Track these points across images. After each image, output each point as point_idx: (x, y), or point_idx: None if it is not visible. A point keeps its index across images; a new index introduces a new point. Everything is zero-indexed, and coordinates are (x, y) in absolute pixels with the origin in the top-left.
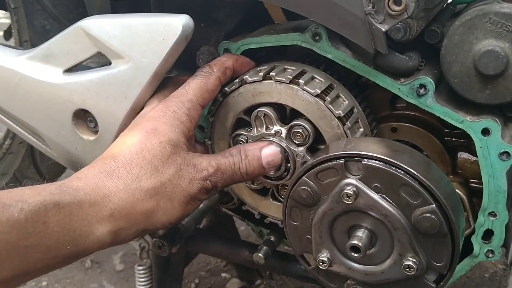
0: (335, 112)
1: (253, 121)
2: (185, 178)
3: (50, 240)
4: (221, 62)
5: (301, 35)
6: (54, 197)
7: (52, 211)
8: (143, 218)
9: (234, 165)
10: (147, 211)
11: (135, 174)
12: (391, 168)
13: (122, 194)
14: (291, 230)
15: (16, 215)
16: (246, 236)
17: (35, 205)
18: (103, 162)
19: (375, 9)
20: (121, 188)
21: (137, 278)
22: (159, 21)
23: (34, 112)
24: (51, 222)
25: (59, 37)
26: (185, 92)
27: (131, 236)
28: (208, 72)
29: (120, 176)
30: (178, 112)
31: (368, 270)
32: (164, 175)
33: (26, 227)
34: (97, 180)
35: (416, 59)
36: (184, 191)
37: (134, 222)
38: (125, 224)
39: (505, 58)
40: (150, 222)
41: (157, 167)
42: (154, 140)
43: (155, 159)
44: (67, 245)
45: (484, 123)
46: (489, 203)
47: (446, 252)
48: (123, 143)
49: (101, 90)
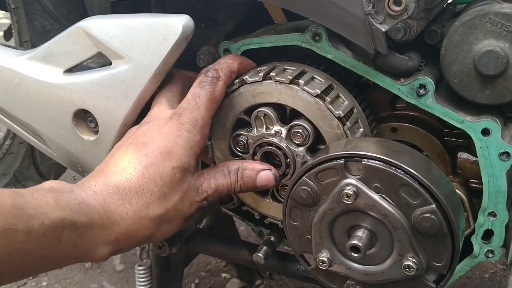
0: (335, 112)
1: (253, 121)
2: (186, 203)
3: (59, 254)
4: (227, 66)
5: (301, 36)
6: (73, 216)
7: (68, 230)
8: (143, 241)
9: (230, 185)
10: (149, 235)
11: (145, 202)
12: (391, 168)
13: (130, 221)
14: (291, 230)
15: (37, 227)
16: (246, 236)
17: (55, 222)
18: (118, 181)
19: (375, 9)
20: (130, 216)
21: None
22: (160, 21)
23: (35, 112)
24: (64, 239)
25: (59, 38)
26: (197, 107)
27: (125, 251)
28: (215, 78)
29: (131, 202)
30: (192, 131)
31: (368, 270)
32: (169, 202)
33: (43, 240)
34: (110, 202)
35: (416, 59)
36: (183, 214)
37: (135, 244)
38: (126, 246)
39: (505, 58)
40: (146, 242)
41: (165, 194)
42: (167, 164)
43: (165, 186)
44: (72, 258)
45: (484, 123)
46: (489, 203)
47: (446, 252)
48: (138, 162)
49: (101, 90)
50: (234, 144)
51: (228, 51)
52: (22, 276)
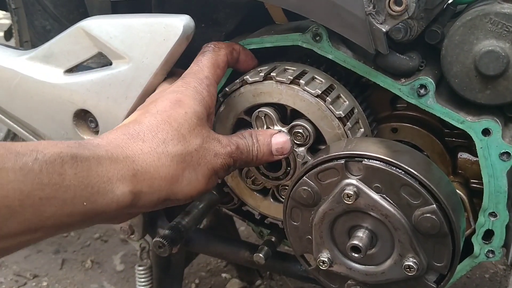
0: (335, 112)
1: (253, 122)
2: (210, 151)
3: (66, 194)
4: (228, 43)
5: (301, 36)
6: (72, 150)
7: (69, 163)
8: (167, 185)
9: (249, 147)
10: (172, 177)
11: (161, 139)
12: (391, 169)
13: (147, 157)
14: (292, 230)
15: (30, 164)
16: (246, 236)
17: (51, 156)
18: (126, 126)
19: (375, 9)
20: (146, 151)
21: (138, 278)
22: (160, 21)
23: (35, 113)
24: (68, 175)
25: (59, 38)
26: (200, 70)
27: (152, 203)
28: (216, 48)
29: (145, 139)
30: (198, 88)
31: (369, 270)
32: (191, 144)
33: (41, 177)
34: (119, 141)
35: (416, 59)
36: (208, 164)
37: (158, 188)
38: (148, 189)
39: (506, 58)
40: (173, 191)
41: (184, 136)
42: (179, 110)
43: (182, 128)
44: (83, 201)
45: (485, 124)
46: (489, 203)
47: (446, 253)
48: (147, 111)
49: (101, 91)
50: None
51: None
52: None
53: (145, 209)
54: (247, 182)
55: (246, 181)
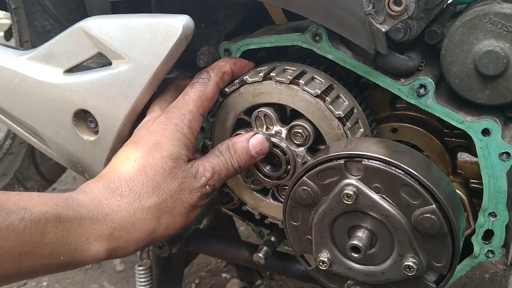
0: (335, 112)
1: (253, 122)
2: (185, 191)
3: (44, 250)
4: (219, 67)
5: (301, 36)
6: (58, 209)
7: (52, 223)
8: (145, 236)
9: (227, 163)
10: (148, 229)
11: (137, 193)
12: (391, 169)
13: (123, 214)
14: (291, 230)
15: (16, 223)
16: (246, 236)
17: (37, 215)
18: (108, 178)
19: (375, 9)
20: (123, 208)
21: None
22: (160, 21)
23: (35, 113)
24: (49, 233)
25: (59, 38)
26: (185, 103)
27: (130, 253)
28: (206, 79)
29: (123, 194)
30: (179, 124)
31: (368, 270)
32: (165, 191)
33: (23, 235)
34: (101, 196)
35: (416, 59)
36: (184, 203)
37: (135, 241)
38: (125, 243)
39: (505, 58)
40: (151, 239)
41: (159, 184)
42: (156, 155)
43: (157, 175)
44: (60, 255)
45: (484, 124)
46: (489, 203)
47: (446, 253)
48: (127, 158)
49: (101, 91)
50: None
51: (228, 51)
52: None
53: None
54: (247, 182)
55: (246, 181)
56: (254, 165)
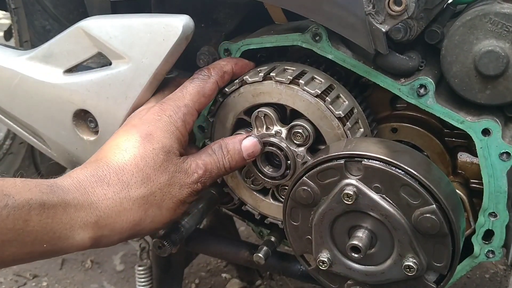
0: (335, 112)
1: (253, 122)
2: (175, 185)
3: (27, 238)
4: (220, 66)
5: (301, 36)
6: (42, 196)
7: (36, 210)
8: (129, 227)
9: (219, 162)
10: (133, 220)
11: (126, 182)
12: (391, 169)
13: (109, 202)
14: (292, 230)
15: (0, 210)
16: (246, 236)
17: (20, 203)
18: (97, 165)
19: (375, 9)
20: (109, 196)
21: (137, 278)
22: (160, 21)
23: (35, 113)
24: (32, 221)
25: (59, 38)
26: (182, 96)
27: (114, 242)
28: (206, 76)
29: (110, 183)
30: (173, 117)
31: (368, 270)
32: (154, 183)
33: (6, 223)
34: (87, 184)
35: (416, 59)
36: (173, 198)
37: (119, 230)
38: (109, 232)
39: (506, 58)
40: (136, 230)
41: (149, 175)
42: (148, 146)
43: (147, 167)
44: (44, 243)
45: (485, 124)
46: (489, 203)
47: (446, 253)
48: (118, 146)
49: (101, 91)
50: None
51: (228, 51)
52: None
53: (108, 246)
54: (247, 182)
55: (246, 181)
56: (254, 165)
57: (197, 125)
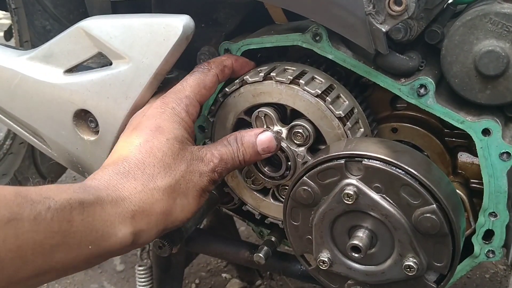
0: (335, 112)
1: (253, 122)
2: (195, 173)
3: (73, 239)
4: (220, 60)
5: (301, 36)
6: (79, 195)
7: (77, 210)
8: (163, 218)
9: (233, 154)
10: (166, 210)
11: (150, 174)
12: (391, 169)
13: (141, 195)
14: (292, 230)
15: (44, 213)
16: (246, 236)
17: (61, 203)
18: (115, 164)
19: (375, 9)
20: (139, 190)
21: (138, 278)
22: (160, 21)
23: (35, 113)
24: (75, 221)
25: (59, 38)
26: (182, 88)
27: (151, 237)
28: (206, 69)
29: (136, 176)
30: (177, 108)
31: (369, 270)
32: (177, 172)
33: (52, 225)
34: (114, 181)
35: (416, 59)
36: (196, 185)
37: (155, 223)
38: (146, 226)
39: (506, 58)
40: (169, 221)
41: (169, 165)
42: (161, 138)
43: (166, 157)
44: (89, 244)
45: (485, 124)
46: (489, 203)
47: (446, 253)
48: (131, 144)
49: (101, 91)
50: None
51: (229, 51)
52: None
53: (146, 244)
54: (247, 182)
55: (246, 181)
56: (254, 165)
57: (197, 125)
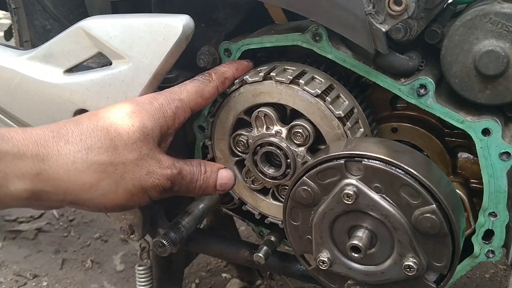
0: (335, 112)
1: (253, 121)
2: (143, 168)
3: None
4: (221, 72)
5: (301, 36)
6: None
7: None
8: (75, 190)
9: (194, 175)
10: (83, 184)
11: (88, 144)
12: (391, 168)
13: (60, 159)
14: (292, 230)
15: None
16: (246, 236)
17: None
18: (64, 123)
19: (375, 9)
20: (62, 153)
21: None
22: (160, 21)
23: (35, 112)
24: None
25: (59, 38)
26: (178, 91)
27: (55, 203)
28: (207, 79)
29: (70, 140)
30: (165, 106)
31: (369, 270)
32: (120, 156)
33: None
34: (40, 137)
35: (416, 59)
36: (135, 180)
37: (64, 190)
38: (51, 189)
39: (506, 58)
40: (82, 197)
41: (116, 147)
42: (127, 121)
43: (118, 139)
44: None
45: (485, 123)
46: (489, 203)
47: (446, 252)
48: (96, 114)
49: (101, 90)
50: (234, 144)
51: (228, 51)
52: None
53: (49, 205)
54: (247, 182)
55: (246, 181)
56: (254, 164)
57: (197, 125)
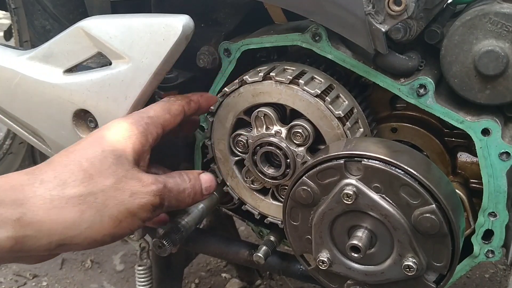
0: (335, 112)
1: (253, 121)
2: (125, 191)
3: None
4: (185, 95)
5: (301, 36)
6: None
7: None
8: (60, 230)
9: (180, 185)
10: (65, 221)
11: (62, 180)
12: (391, 168)
13: (38, 200)
14: (291, 230)
15: None
16: (246, 236)
17: None
18: (38, 166)
19: (375, 9)
20: (38, 194)
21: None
22: (160, 21)
23: (35, 113)
24: None
25: (59, 38)
26: (146, 110)
27: (42, 247)
28: (172, 99)
29: (44, 179)
30: (135, 124)
31: (368, 270)
32: (97, 184)
33: None
34: (16, 182)
35: (416, 59)
36: (119, 205)
37: (47, 232)
38: (34, 233)
39: (505, 58)
40: (69, 235)
41: (91, 176)
42: (97, 148)
43: (92, 168)
44: None
45: (484, 123)
46: (489, 203)
47: (446, 252)
48: (67, 149)
49: (101, 91)
50: (234, 144)
51: (228, 51)
52: None
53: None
54: (247, 182)
55: (246, 181)
56: (254, 164)
57: None
